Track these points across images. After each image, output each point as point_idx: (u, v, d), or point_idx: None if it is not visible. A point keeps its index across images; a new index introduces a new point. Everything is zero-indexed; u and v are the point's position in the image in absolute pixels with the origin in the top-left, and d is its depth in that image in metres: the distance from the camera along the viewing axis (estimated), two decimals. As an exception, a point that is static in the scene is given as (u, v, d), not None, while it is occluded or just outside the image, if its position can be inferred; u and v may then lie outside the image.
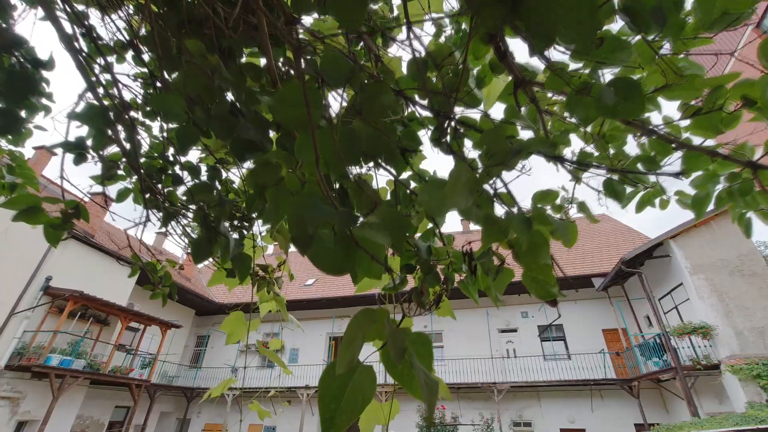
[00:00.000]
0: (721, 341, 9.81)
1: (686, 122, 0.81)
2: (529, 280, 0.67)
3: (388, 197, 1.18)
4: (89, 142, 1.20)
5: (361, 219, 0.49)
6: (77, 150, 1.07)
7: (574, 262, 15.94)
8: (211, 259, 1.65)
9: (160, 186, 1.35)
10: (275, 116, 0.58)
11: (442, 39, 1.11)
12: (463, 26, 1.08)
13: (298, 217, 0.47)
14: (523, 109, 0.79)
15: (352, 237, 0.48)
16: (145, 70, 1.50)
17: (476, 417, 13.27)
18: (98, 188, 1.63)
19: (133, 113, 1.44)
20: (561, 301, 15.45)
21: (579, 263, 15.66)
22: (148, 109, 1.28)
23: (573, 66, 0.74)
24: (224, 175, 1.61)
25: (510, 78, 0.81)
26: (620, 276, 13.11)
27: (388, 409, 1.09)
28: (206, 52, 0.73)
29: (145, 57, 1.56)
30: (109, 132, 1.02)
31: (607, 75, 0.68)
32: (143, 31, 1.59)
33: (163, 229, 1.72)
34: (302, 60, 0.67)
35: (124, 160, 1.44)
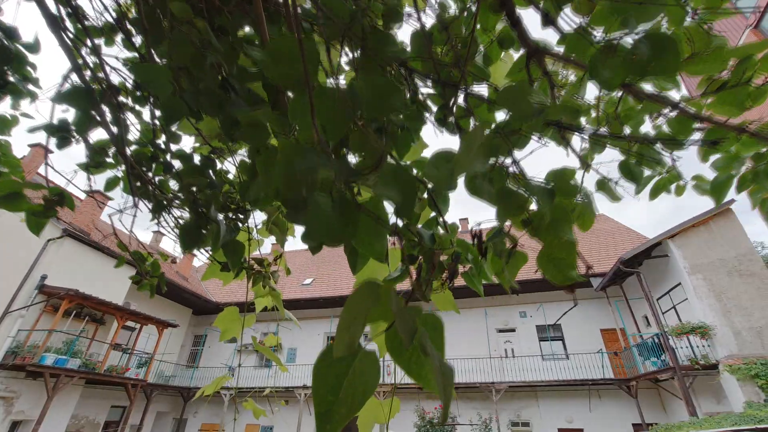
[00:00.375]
0: (720, 341, 9.80)
1: (706, 101, 0.76)
2: (545, 261, 0.61)
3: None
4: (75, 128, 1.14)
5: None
6: (60, 133, 1.01)
7: (572, 261, 15.92)
8: (206, 255, 1.59)
9: (150, 174, 1.29)
10: (267, 73, 0.52)
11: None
12: (468, 4, 1.02)
13: (289, 171, 0.41)
14: (534, 85, 0.74)
15: (353, 200, 0.42)
16: (135, 54, 1.44)
17: (474, 417, 13.24)
18: (93, 185, 1.56)
19: (121, 98, 1.38)
20: (561, 300, 15.29)
21: (578, 263, 15.64)
22: (138, 93, 1.22)
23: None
24: (219, 165, 1.55)
25: (520, 53, 0.75)
26: (618, 276, 13.10)
27: (388, 407, 1.03)
28: (193, 15, 0.67)
29: (136, 41, 1.50)
30: (95, 114, 0.96)
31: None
32: (133, 13, 1.53)
33: (155, 222, 1.65)
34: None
35: (113, 150, 1.37)
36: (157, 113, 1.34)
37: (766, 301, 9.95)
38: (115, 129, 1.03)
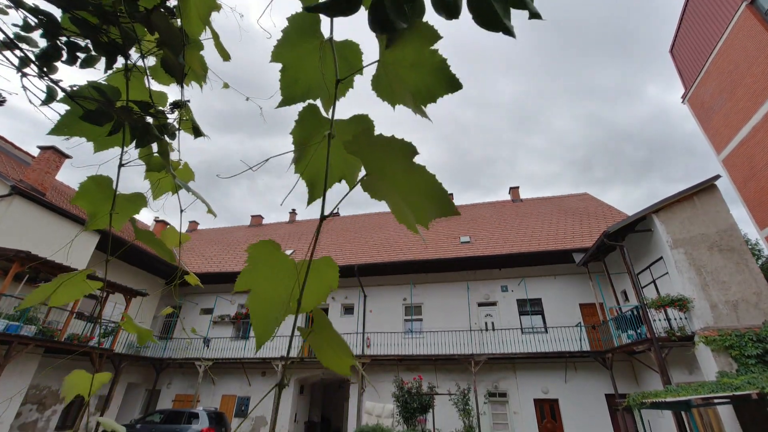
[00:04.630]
0: (696, 314, 9.87)
1: None
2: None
3: None
4: None
5: None
6: None
7: (556, 237, 15.87)
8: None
9: None
10: None
11: None
12: None
13: None
14: None
15: None
16: None
17: (453, 387, 13.25)
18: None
19: None
20: (543, 275, 15.23)
21: (561, 239, 15.61)
22: None
23: None
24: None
25: None
26: (601, 251, 13.07)
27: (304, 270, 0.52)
28: None
29: None
30: None
31: None
32: None
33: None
34: None
35: None
36: None
37: (743, 276, 10.04)
38: None
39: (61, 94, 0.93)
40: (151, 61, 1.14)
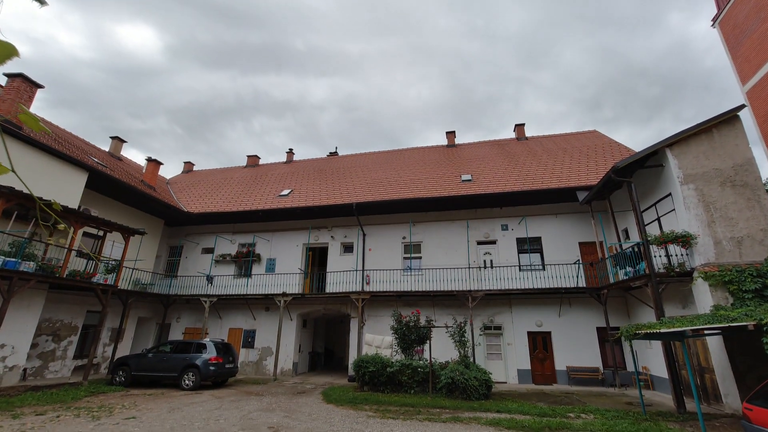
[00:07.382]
0: (699, 250, 9.71)
1: None
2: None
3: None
4: None
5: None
6: None
7: (560, 175, 15.33)
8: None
9: None
10: None
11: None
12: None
13: None
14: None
15: None
16: None
17: (450, 321, 13.71)
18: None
19: None
20: (544, 214, 14.92)
21: (565, 177, 15.08)
22: None
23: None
24: None
25: None
26: (607, 188, 12.64)
27: None
28: None
29: None
30: None
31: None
32: None
33: None
34: None
35: None
36: None
37: (752, 212, 9.71)
38: None
39: None
40: None
